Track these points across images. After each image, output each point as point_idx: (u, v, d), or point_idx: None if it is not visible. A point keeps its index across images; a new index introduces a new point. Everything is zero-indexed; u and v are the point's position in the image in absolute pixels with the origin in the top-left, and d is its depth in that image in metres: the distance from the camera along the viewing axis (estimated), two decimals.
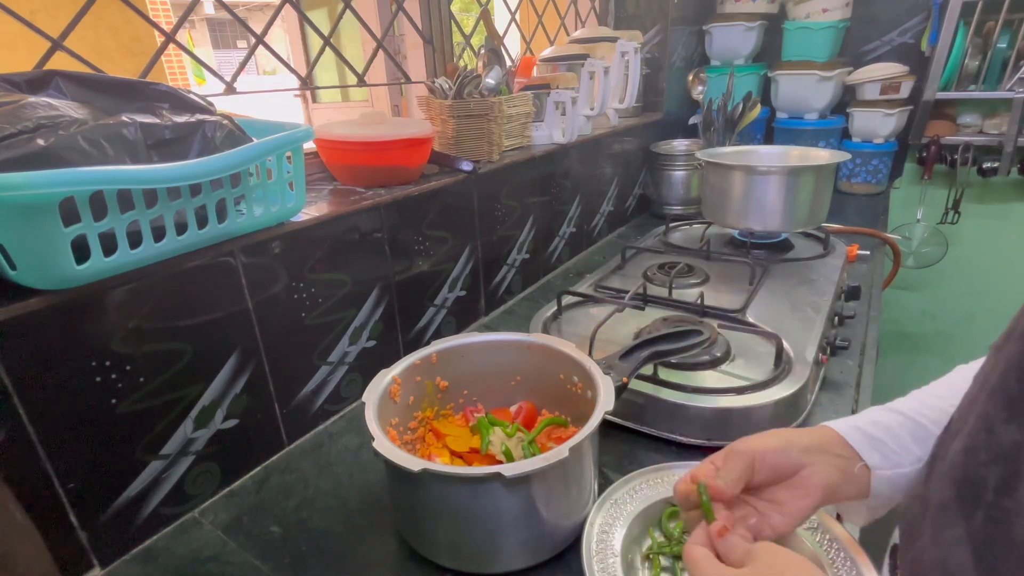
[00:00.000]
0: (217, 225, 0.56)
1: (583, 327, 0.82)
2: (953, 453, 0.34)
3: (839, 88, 1.69)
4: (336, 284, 0.72)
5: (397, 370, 0.59)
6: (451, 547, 0.51)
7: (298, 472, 0.66)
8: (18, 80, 0.52)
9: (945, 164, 1.74)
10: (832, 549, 0.48)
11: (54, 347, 0.47)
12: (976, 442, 0.32)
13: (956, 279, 1.89)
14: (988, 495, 0.30)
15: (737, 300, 0.85)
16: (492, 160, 0.96)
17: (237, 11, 0.89)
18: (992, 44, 1.53)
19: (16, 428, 0.46)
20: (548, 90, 1.11)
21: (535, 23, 1.45)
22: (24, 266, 0.44)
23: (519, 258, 1.08)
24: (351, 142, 0.79)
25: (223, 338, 0.60)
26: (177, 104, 0.58)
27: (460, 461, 0.59)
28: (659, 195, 1.57)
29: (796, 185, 1.06)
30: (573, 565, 0.51)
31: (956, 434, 0.35)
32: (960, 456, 0.33)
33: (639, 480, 0.57)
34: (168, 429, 0.57)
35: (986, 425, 0.32)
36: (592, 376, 0.56)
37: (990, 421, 0.31)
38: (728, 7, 1.76)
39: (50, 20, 0.62)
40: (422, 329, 0.88)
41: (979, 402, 0.33)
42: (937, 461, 0.37)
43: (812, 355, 0.72)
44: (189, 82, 6.51)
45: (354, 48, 2.63)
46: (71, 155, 0.45)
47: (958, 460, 0.33)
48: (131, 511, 0.55)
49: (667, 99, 1.68)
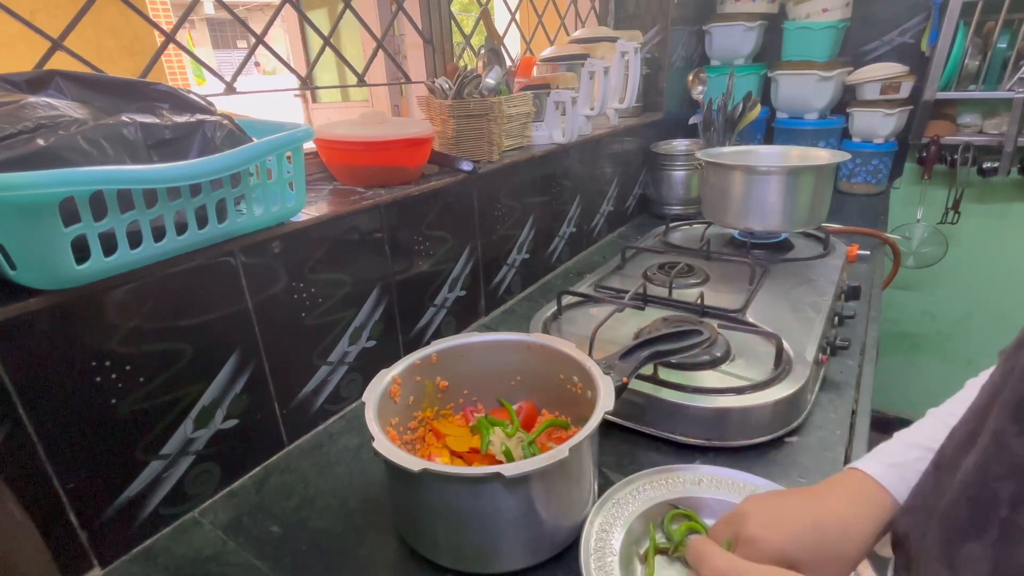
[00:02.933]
0: (217, 225, 0.56)
1: (583, 327, 0.82)
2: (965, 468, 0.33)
3: (839, 88, 1.69)
4: (336, 284, 0.72)
5: (397, 370, 0.59)
6: (451, 547, 0.51)
7: (298, 472, 0.66)
8: (18, 80, 0.52)
9: (945, 164, 1.74)
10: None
11: (54, 347, 0.47)
12: (988, 456, 0.31)
13: (956, 279, 1.89)
14: (1002, 511, 0.30)
15: (737, 300, 0.85)
16: (492, 160, 0.96)
17: (237, 11, 0.89)
18: (992, 44, 1.53)
19: (16, 428, 0.46)
20: (548, 90, 1.11)
21: (535, 23, 1.45)
22: (24, 266, 0.44)
23: (519, 258, 1.08)
24: (351, 142, 0.79)
25: (223, 338, 0.60)
26: (177, 104, 0.58)
27: (460, 461, 0.59)
28: (659, 195, 1.57)
29: (796, 185, 1.06)
30: (573, 565, 0.51)
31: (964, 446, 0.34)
32: (972, 471, 0.32)
33: (642, 481, 0.57)
34: (168, 429, 0.57)
35: (998, 439, 0.31)
36: (592, 376, 0.56)
37: (1003, 435, 0.31)
38: (728, 7, 1.76)
39: (50, 20, 0.62)
40: (422, 329, 0.88)
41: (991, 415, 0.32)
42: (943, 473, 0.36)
43: (812, 355, 0.72)
44: (189, 82, 6.51)
45: (354, 48, 2.63)
46: (71, 155, 0.45)
47: (970, 476, 0.32)
48: (131, 511, 0.55)
49: (667, 99, 1.68)
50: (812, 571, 0.40)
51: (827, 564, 0.40)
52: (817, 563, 0.40)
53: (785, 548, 0.40)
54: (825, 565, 0.40)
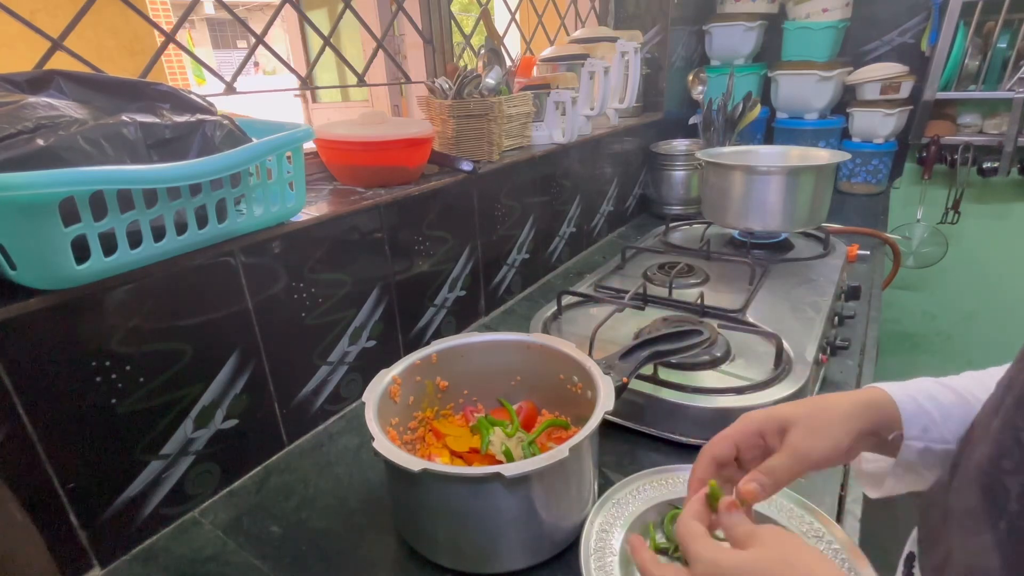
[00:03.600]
0: (217, 225, 0.56)
1: (583, 327, 0.82)
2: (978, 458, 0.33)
3: (839, 88, 1.69)
4: (336, 284, 0.72)
5: (397, 370, 0.59)
6: (451, 547, 0.51)
7: (298, 472, 0.66)
8: (18, 80, 0.52)
9: (945, 164, 1.74)
10: (837, 559, 0.48)
11: (54, 347, 0.47)
12: (1002, 450, 0.32)
13: (956, 279, 1.89)
14: (1012, 505, 0.30)
15: (737, 300, 0.85)
16: (492, 160, 0.96)
17: (237, 11, 0.89)
18: (992, 44, 1.53)
19: (16, 428, 0.46)
20: (548, 90, 1.11)
21: (535, 23, 1.45)
22: (24, 266, 0.44)
23: (519, 258, 1.08)
24: (351, 142, 0.79)
25: (223, 338, 0.60)
26: (177, 104, 0.58)
27: (460, 461, 0.59)
28: (659, 195, 1.57)
29: (796, 185, 1.06)
30: (573, 565, 0.51)
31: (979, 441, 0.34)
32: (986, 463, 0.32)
33: (642, 481, 0.57)
34: (168, 429, 0.57)
35: (1013, 434, 0.31)
36: (592, 376, 0.56)
37: (1016, 430, 0.31)
38: (728, 7, 1.76)
39: (50, 20, 0.62)
40: (422, 329, 0.88)
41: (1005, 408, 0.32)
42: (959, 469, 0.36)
43: (812, 355, 0.72)
44: (189, 82, 6.51)
45: (354, 48, 2.63)
46: (71, 155, 0.45)
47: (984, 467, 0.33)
48: (131, 511, 0.55)
49: (667, 99, 1.68)
50: (802, 428, 0.42)
51: (815, 420, 0.42)
52: (806, 417, 0.42)
53: (806, 459, 0.41)
54: (813, 421, 0.42)
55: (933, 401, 0.43)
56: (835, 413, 0.42)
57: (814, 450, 0.41)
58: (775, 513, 0.53)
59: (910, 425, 0.42)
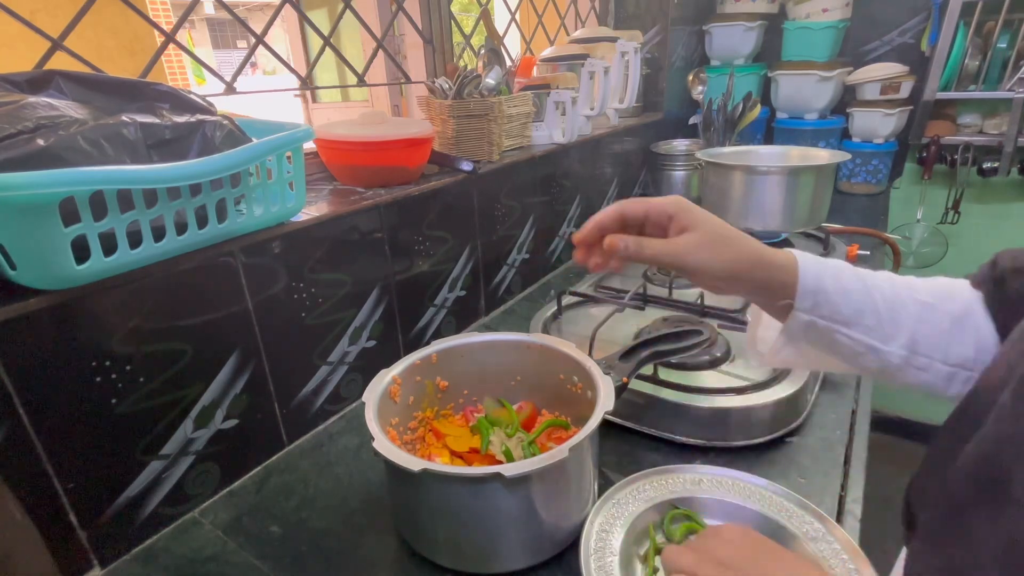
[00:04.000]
0: (217, 225, 0.56)
1: (583, 327, 0.82)
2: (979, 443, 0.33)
3: (839, 88, 1.69)
4: (336, 284, 0.72)
5: (397, 370, 0.59)
6: (451, 547, 0.51)
7: (298, 472, 0.66)
8: (18, 80, 0.52)
9: (945, 164, 1.73)
10: (837, 559, 0.48)
11: (54, 347, 0.47)
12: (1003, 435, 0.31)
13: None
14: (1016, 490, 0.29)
15: (737, 300, 0.85)
16: (492, 160, 0.96)
17: (237, 11, 0.89)
18: (992, 44, 1.53)
19: (16, 428, 0.46)
20: (548, 90, 1.11)
21: (535, 23, 1.45)
22: (24, 266, 0.44)
23: (519, 258, 1.08)
24: (351, 142, 0.79)
25: (223, 338, 0.60)
26: (177, 104, 0.58)
27: (460, 461, 0.59)
28: (659, 195, 1.56)
29: (796, 185, 1.06)
30: (573, 565, 0.51)
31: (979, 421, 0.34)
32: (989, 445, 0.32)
33: (642, 481, 0.57)
34: (168, 429, 0.57)
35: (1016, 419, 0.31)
36: (592, 376, 0.56)
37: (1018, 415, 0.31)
38: (728, 7, 1.76)
39: (50, 20, 0.62)
40: (422, 329, 0.88)
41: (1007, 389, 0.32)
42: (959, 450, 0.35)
43: None
44: (189, 82, 6.51)
45: (354, 48, 2.63)
46: (71, 155, 0.45)
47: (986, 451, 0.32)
48: (131, 511, 0.55)
49: (667, 99, 1.68)
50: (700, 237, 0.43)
51: (716, 244, 0.43)
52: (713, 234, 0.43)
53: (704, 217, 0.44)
54: (715, 242, 0.43)
55: (835, 281, 0.44)
56: (738, 251, 0.43)
57: (690, 256, 0.43)
58: (775, 513, 0.53)
59: (802, 297, 0.43)
